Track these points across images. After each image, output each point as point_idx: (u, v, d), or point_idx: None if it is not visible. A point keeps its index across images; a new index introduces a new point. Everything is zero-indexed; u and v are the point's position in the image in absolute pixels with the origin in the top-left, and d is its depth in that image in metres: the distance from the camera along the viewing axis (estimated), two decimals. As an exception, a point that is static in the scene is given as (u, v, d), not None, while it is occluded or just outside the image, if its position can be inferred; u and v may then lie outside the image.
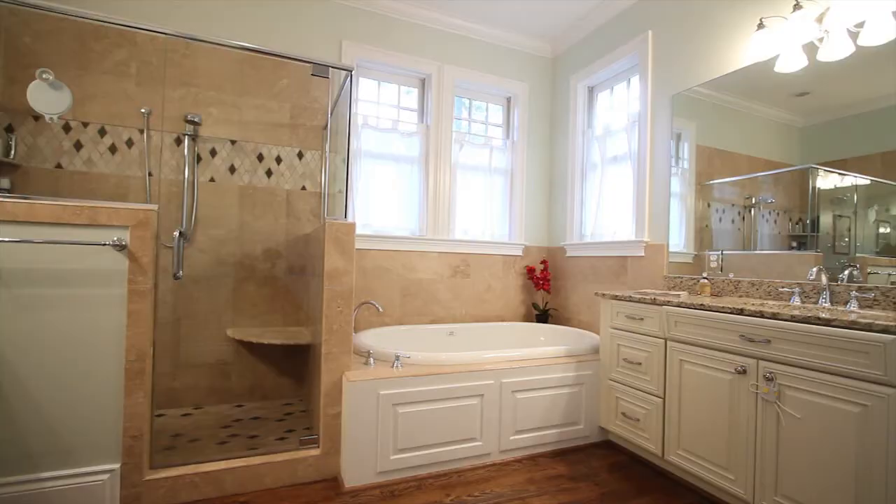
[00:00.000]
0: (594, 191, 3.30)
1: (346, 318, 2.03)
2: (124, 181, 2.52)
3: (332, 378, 2.00)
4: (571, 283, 3.38)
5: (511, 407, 2.21)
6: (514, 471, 2.12)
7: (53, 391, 1.63)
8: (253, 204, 2.79)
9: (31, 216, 1.60)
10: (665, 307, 2.02)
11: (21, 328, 1.59)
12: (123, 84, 2.52)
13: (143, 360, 1.72)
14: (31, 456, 1.60)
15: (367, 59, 3.09)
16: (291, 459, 1.93)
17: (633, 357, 2.20)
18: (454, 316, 3.31)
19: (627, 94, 3.13)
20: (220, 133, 2.72)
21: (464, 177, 3.43)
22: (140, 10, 2.57)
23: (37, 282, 1.61)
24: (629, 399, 2.22)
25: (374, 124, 3.14)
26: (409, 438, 2.00)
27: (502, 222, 3.58)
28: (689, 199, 2.52)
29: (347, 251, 2.03)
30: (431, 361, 2.17)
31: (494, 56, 3.48)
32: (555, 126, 3.66)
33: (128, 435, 1.70)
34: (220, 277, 2.71)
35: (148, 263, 1.74)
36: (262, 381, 2.80)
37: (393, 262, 3.12)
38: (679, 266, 2.55)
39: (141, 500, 1.72)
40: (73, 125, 2.44)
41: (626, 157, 3.01)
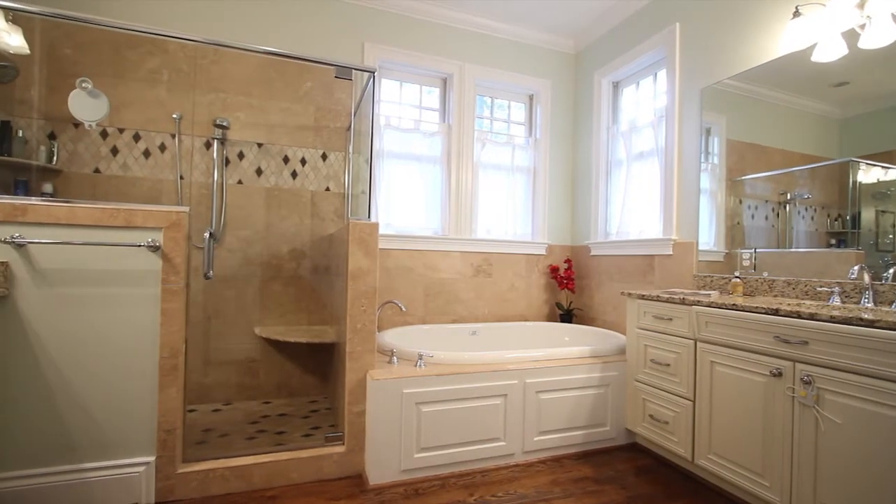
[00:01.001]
0: (619, 188, 3.24)
1: (370, 318, 2.05)
2: (157, 184, 2.61)
3: (357, 376, 2.02)
4: (596, 283, 3.32)
5: (535, 407, 2.19)
6: (538, 472, 2.10)
7: (94, 386, 1.70)
8: (279, 205, 2.85)
9: (72, 219, 1.67)
10: (695, 307, 1.96)
11: (64, 326, 1.67)
12: (156, 91, 2.61)
13: (177, 356, 1.79)
14: (74, 447, 1.68)
15: (388, 61, 3.12)
16: (317, 456, 1.97)
17: (661, 358, 2.14)
18: (476, 315, 3.30)
19: (654, 89, 3.05)
20: (248, 136, 2.79)
21: (486, 176, 3.42)
22: (171, 20, 2.66)
23: (77, 281, 1.68)
24: (657, 401, 2.17)
25: (396, 125, 3.16)
26: (433, 437, 2.00)
27: (525, 221, 3.55)
28: (720, 195, 2.44)
29: (371, 251, 2.05)
30: (454, 361, 2.17)
31: (516, 53, 3.45)
32: (578, 123, 3.60)
33: (162, 429, 1.76)
34: (247, 277, 2.78)
35: (180, 263, 1.80)
36: (289, 379, 2.86)
37: (415, 262, 3.14)
38: (709, 265, 2.47)
39: (174, 493, 1.78)
40: (110, 131, 2.54)
41: (653, 153, 2.94)
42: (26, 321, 1.63)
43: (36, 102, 2.42)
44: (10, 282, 1.61)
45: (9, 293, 1.60)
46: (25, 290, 1.63)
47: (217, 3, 2.75)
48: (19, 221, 1.62)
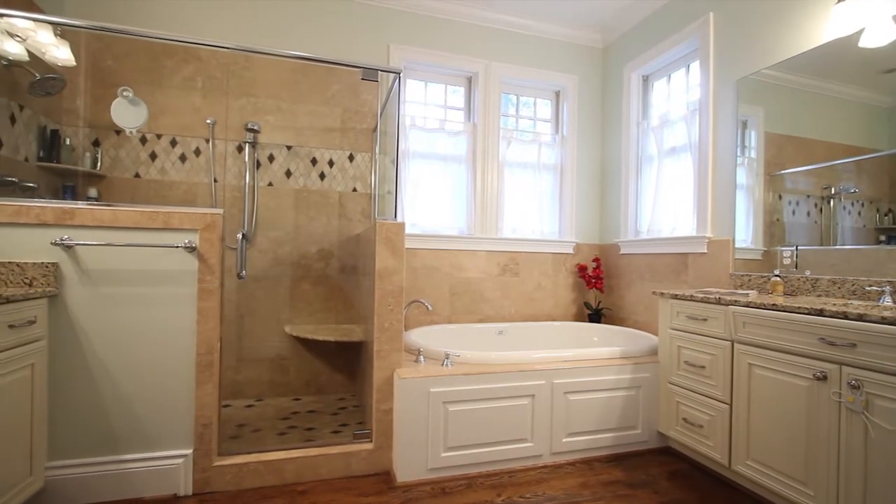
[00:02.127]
0: (650, 185, 3.15)
1: (397, 317, 2.06)
2: (193, 187, 2.71)
3: (384, 375, 2.04)
4: (626, 282, 3.25)
5: (563, 408, 2.15)
6: (566, 474, 2.07)
7: (135, 381, 1.78)
8: (307, 206, 2.91)
9: (115, 221, 1.76)
10: (732, 307, 1.89)
11: (108, 324, 1.75)
12: (191, 97, 2.71)
13: (212, 353, 1.85)
14: (117, 439, 1.76)
15: (413, 61, 3.13)
16: (346, 452, 2.00)
17: (696, 360, 2.07)
18: (503, 315, 3.28)
19: (686, 82, 2.96)
20: (277, 139, 2.86)
21: (512, 174, 3.39)
22: (204, 29, 2.75)
23: (120, 281, 1.77)
24: (691, 404, 2.10)
25: (421, 125, 3.17)
26: (460, 436, 2.00)
27: (552, 220, 3.50)
28: (757, 190, 2.34)
29: (397, 251, 2.06)
30: (481, 360, 2.17)
31: (542, 50, 3.41)
32: (607, 118, 3.53)
33: (199, 423, 1.83)
34: (278, 277, 2.85)
35: (215, 264, 1.86)
36: (318, 376, 2.91)
37: (441, 261, 3.14)
38: (746, 263, 2.37)
39: (210, 485, 1.84)
40: (149, 137, 2.65)
41: (686, 148, 2.84)
42: (74, 319, 1.72)
43: (82, 111, 2.55)
44: (59, 281, 1.70)
45: (58, 292, 1.70)
46: (73, 290, 1.72)
47: (247, 12, 2.82)
48: (67, 224, 1.71)
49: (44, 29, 2.12)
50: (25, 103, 2.23)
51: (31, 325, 1.57)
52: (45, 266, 1.67)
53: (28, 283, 1.66)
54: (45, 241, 1.69)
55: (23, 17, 2.04)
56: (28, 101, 2.24)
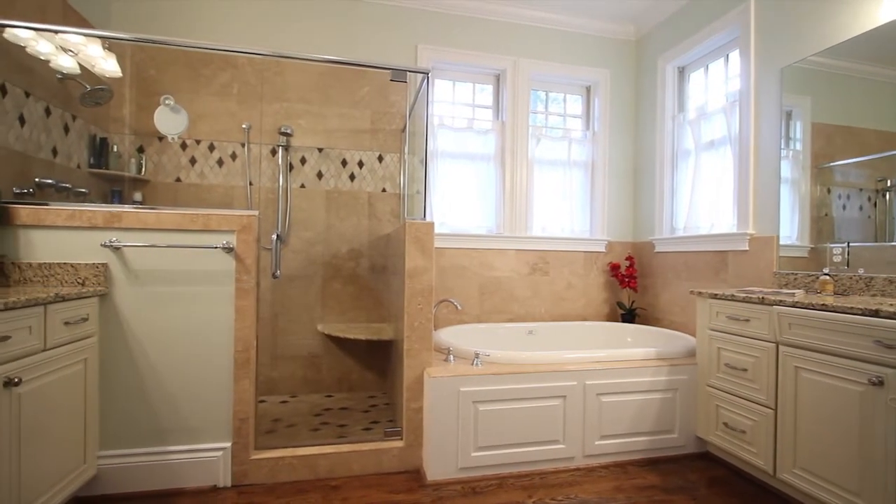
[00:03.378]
0: (687, 180, 3.04)
1: (427, 316, 2.07)
2: (230, 190, 2.81)
3: (414, 373, 2.05)
4: (661, 281, 3.15)
5: (596, 410, 2.11)
6: (600, 477, 2.02)
7: (178, 376, 1.86)
8: (338, 207, 2.96)
9: (158, 224, 1.84)
10: (776, 307, 1.79)
11: (153, 322, 1.84)
12: (227, 103, 2.80)
13: (249, 350, 1.91)
14: (161, 432, 1.85)
15: (441, 61, 3.13)
16: (377, 449, 2.02)
17: (737, 362, 1.99)
18: (533, 314, 3.24)
19: (725, 72, 2.84)
20: (309, 142, 2.92)
21: (541, 172, 3.34)
22: (239, 37, 2.84)
23: (163, 281, 1.85)
24: (732, 408, 2.01)
25: (449, 124, 3.17)
26: (490, 436, 1.99)
27: (583, 217, 3.43)
28: (804, 184, 2.22)
29: (427, 250, 2.07)
30: (511, 360, 2.15)
31: (572, 44, 3.35)
32: (640, 113, 3.43)
33: (237, 418, 1.90)
34: (310, 276, 2.91)
35: (251, 264, 1.92)
36: (349, 374, 2.96)
37: (470, 261, 3.14)
38: (791, 261, 2.26)
39: (248, 477, 1.90)
40: (189, 143, 2.77)
41: (725, 142, 2.73)
42: (122, 317, 1.81)
43: (127, 120, 2.69)
44: (109, 281, 1.80)
45: (108, 291, 1.79)
46: (121, 289, 1.81)
47: (278, 19, 2.90)
48: (115, 227, 1.80)
49: (93, 43, 2.24)
50: (77, 113, 2.36)
51: (84, 322, 1.66)
52: (95, 266, 1.77)
53: (81, 282, 1.76)
54: (96, 242, 1.79)
55: (75, 33, 2.17)
56: (80, 111, 2.38)
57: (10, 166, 1.92)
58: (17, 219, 1.72)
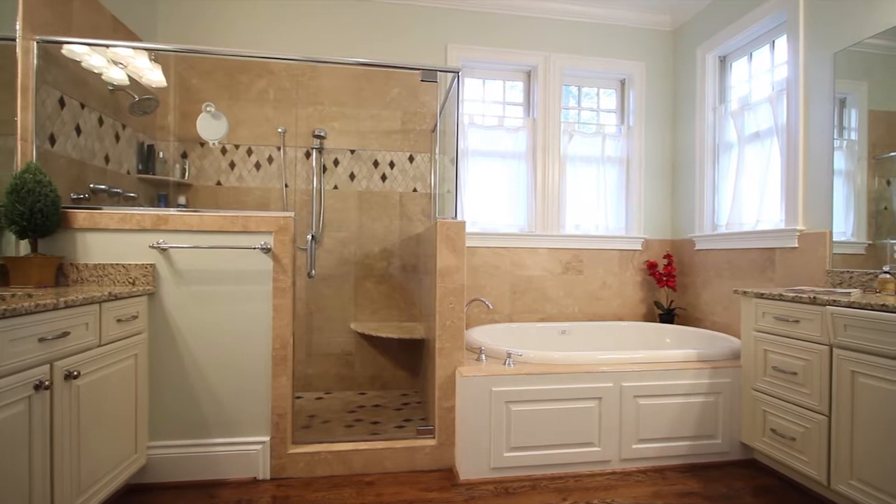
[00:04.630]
0: (729, 174, 2.90)
1: (459, 315, 2.07)
2: (267, 193, 2.90)
3: (446, 372, 2.06)
4: (702, 280, 3.02)
5: (633, 413, 2.05)
6: (637, 482, 1.96)
7: (220, 372, 1.94)
8: (370, 207, 3.00)
9: (201, 226, 1.92)
10: (830, 307, 1.69)
11: (196, 319, 1.92)
12: (264, 109, 2.90)
13: (286, 348, 1.97)
14: (205, 425, 1.93)
15: (471, 59, 3.12)
16: (409, 447, 2.04)
17: (786, 365, 1.88)
18: (566, 314, 3.18)
19: (771, 59, 2.69)
20: (342, 144, 2.98)
21: (574, 169, 3.28)
22: (274, 44, 2.93)
23: (205, 280, 1.93)
24: (781, 414, 1.91)
25: (480, 122, 3.16)
26: (523, 437, 1.97)
27: (618, 215, 3.34)
28: (859, 176, 2.08)
29: (458, 249, 2.07)
30: (544, 360, 2.12)
31: (605, 37, 3.26)
32: (678, 105, 3.30)
33: (275, 413, 1.96)
34: (343, 276, 2.97)
35: (288, 264, 1.98)
36: (382, 372, 3.00)
37: (502, 260, 3.11)
38: (846, 259, 2.12)
39: (286, 471, 1.96)
40: (228, 148, 2.88)
41: (771, 133, 2.59)
42: (168, 315, 1.90)
43: (172, 127, 2.82)
44: (156, 281, 1.89)
45: (155, 291, 1.89)
46: (167, 288, 1.90)
47: (311, 25, 2.97)
48: (162, 229, 1.90)
49: (141, 55, 2.37)
50: (127, 122, 2.50)
51: (134, 319, 1.76)
52: (144, 267, 1.87)
53: (132, 282, 1.86)
54: (145, 244, 1.89)
55: (125, 46, 2.30)
56: (129, 120, 2.52)
57: (68, 174, 2.06)
58: (74, 222, 1.84)
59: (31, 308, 1.25)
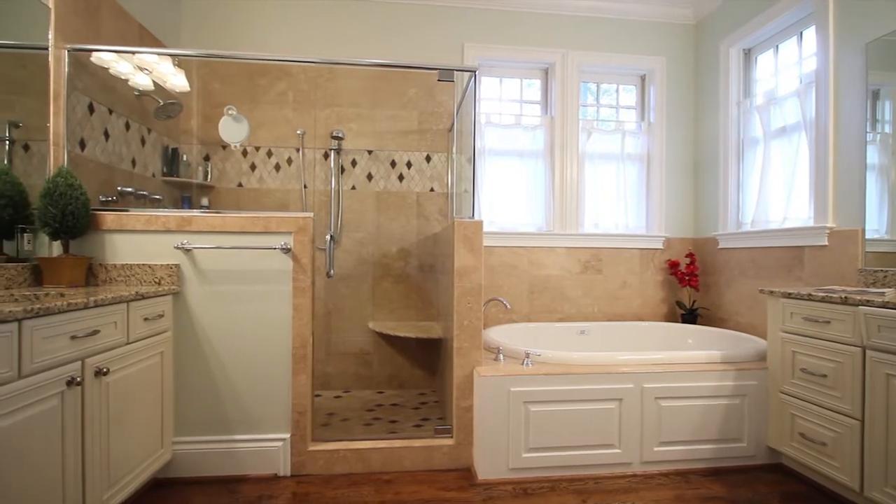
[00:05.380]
0: (755, 170, 2.82)
1: (476, 314, 2.07)
2: (286, 194, 2.94)
3: (464, 372, 2.05)
4: (726, 279, 2.94)
5: (654, 415, 2.01)
6: (659, 485, 1.93)
7: (242, 370, 1.98)
8: (387, 207, 3.02)
9: (223, 227, 1.96)
10: (863, 308, 1.62)
11: (219, 318, 1.96)
12: (283, 111, 2.94)
13: (305, 346, 1.99)
14: (228, 421, 1.97)
15: (488, 58, 3.11)
16: (427, 446, 2.04)
17: (815, 367, 1.82)
18: (585, 314, 3.14)
19: (799, 51, 2.60)
20: (359, 145, 3.01)
21: (593, 167, 3.23)
22: (292, 47, 2.97)
23: (227, 280, 1.97)
24: (810, 417, 1.85)
25: (496, 121, 3.14)
26: (542, 438, 1.95)
27: (638, 213, 3.28)
28: (894, 171, 1.99)
29: (476, 248, 2.06)
30: (563, 360, 2.09)
31: (624, 33, 3.21)
32: (700, 101, 3.23)
33: (295, 411, 1.99)
34: (361, 275, 3.00)
35: (307, 264, 2.00)
36: (399, 371, 3.02)
37: (519, 259, 3.09)
38: (880, 257, 2.03)
39: (305, 468, 1.99)
40: (249, 150, 2.93)
41: (799, 127, 2.50)
42: (193, 314, 1.95)
43: (195, 130, 2.89)
44: (181, 280, 1.94)
45: (180, 290, 1.94)
46: (192, 288, 1.95)
47: (328, 26, 3.00)
48: (186, 230, 1.94)
49: (165, 61, 2.43)
50: (152, 127, 2.57)
51: (160, 318, 1.81)
52: (169, 267, 1.92)
53: (157, 282, 1.91)
54: (170, 245, 1.94)
55: (150, 52, 2.36)
56: (154, 124, 2.59)
57: (97, 177, 2.13)
58: (103, 224, 1.90)
59: (64, 307, 1.29)
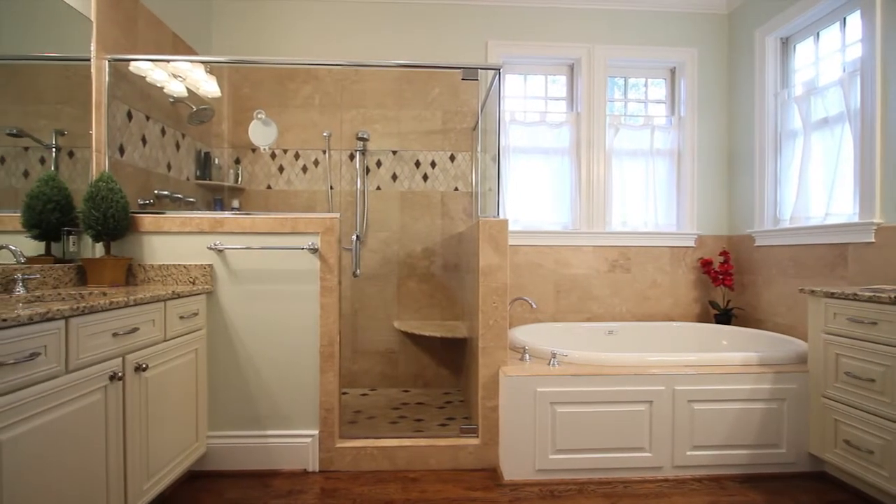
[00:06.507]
0: (793, 164, 2.70)
1: (502, 314, 2.05)
2: (313, 195, 3.00)
3: (489, 372, 2.04)
4: (763, 278, 2.83)
5: (686, 418, 1.95)
6: (691, 490, 1.87)
7: (272, 367, 2.03)
8: (412, 207, 3.04)
9: (253, 228, 2.02)
10: (913, 308, 1.53)
11: (250, 317, 2.02)
12: (310, 114, 3.00)
13: (333, 345, 2.03)
14: (260, 418, 2.02)
15: (512, 55, 3.09)
16: (453, 445, 2.04)
17: (861, 371, 1.72)
18: (613, 314, 3.08)
19: (842, 38, 2.47)
20: (384, 145, 3.03)
21: (620, 163, 3.16)
22: (319, 51, 3.02)
23: (257, 280, 2.02)
24: (856, 424, 1.75)
25: (521, 119, 3.11)
26: (569, 439, 1.93)
27: (668, 210, 3.19)
28: (951, 162, 1.87)
29: (501, 247, 2.05)
30: (591, 361, 2.06)
31: (653, 24, 3.12)
32: (734, 93, 3.11)
33: (323, 408, 2.02)
34: (386, 275, 3.03)
35: (334, 263, 2.03)
36: (425, 371, 3.03)
37: (545, 258, 3.06)
38: (934, 254, 1.91)
39: (333, 464, 2.02)
40: (277, 153, 3.00)
41: (842, 118, 2.38)
42: (225, 313, 2.01)
43: (226, 135, 2.98)
44: (214, 280, 2.01)
45: (213, 290, 2.00)
46: (224, 287, 2.01)
47: (355, 31, 3.03)
48: (218, 231, 2.01)
49: (197, 67, 2.51)
50: (186, 132, 2.67)
51: (195, 316, 1.87)
52: (203, 267, 1.98)
53: (192, 281, 1.98)
54: (203, 246, 2.00)
55: (184, 60, 2.45)
56: (188, 129, 2.68)
57: (136, 181, 2.22)
58: (141, 226, 1.99)
59: (106, 305, 1.35)
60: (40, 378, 1.14)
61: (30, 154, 1.76)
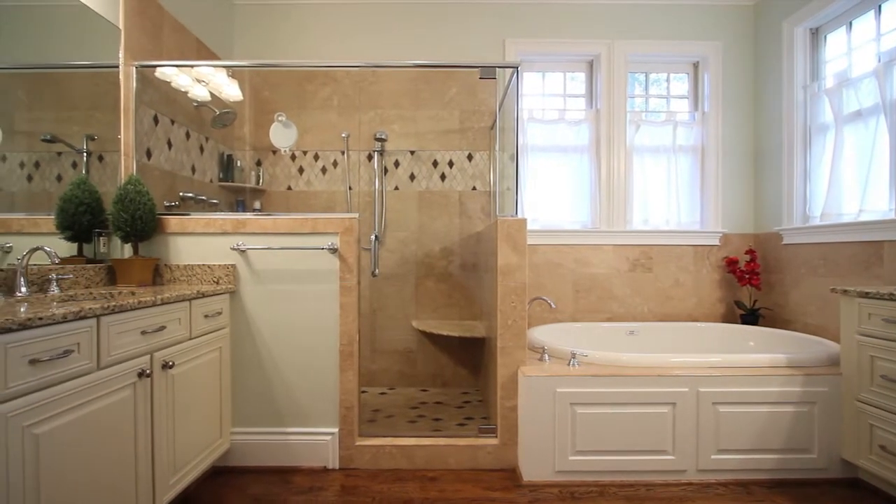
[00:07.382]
0: (825, 159, 2.60)
1: (521, 314, 2.04)
2: (332, 196, 3.03)
3: (508, 372, 2.03)
4: (792, 278, 2.74)
5: (711, 421, 1.90)
6: (717, 495, 1.82)
7: (293, 365, 2.06)
8: (430, 207, 3.04)
9: (275, 228, 2.05)
10: (955, 309, 1.46)
11: (271, 316, 2.06)
12: (329, 115, 3.03)
13: (352, 344, 2.05)
14: (281, 415, 2.06)
15: (530, 53, 3.06)
16: (472, 445, 2.04)
17: (898, 374, 1.65)
18: (634, 314, 3.03)
19: (877, 27, 2.37)
20: (402, 145, 3.05)
21: (641, 161, 3.10)
22: (337, 54, 3.05)
23: (277, 279, 2.06)
24: (892, 429, 1.68)
25: (539, 117, 3.08)
26: (589, 441, 1.90)
27: (692, 208, 3.12)
28: None
29: (519, 247, 2.04)
30: (611, 362, 2.02)
31: (675, 17, 3.05)
32: (760, 87, 3.01)
33: (343, 406, 2.04)
34: (405, 275, 3.04)
35: (353, 263, 2.05)
36: (443, 370, 3.03)
37: (564, 257, 3.02)
38: (978, 252, 1.81)
39: (353, 462, 2.04)
40: (297, 154, 3.05)
41: (878, 110, 2.28)
42: (247, 312, 2.05)
43: (248, 137, 3.04)
44: (236, 280, 2.05)
45: (236, 289, 2.05)
46: (246, 287, 2.05)
47: (372, 32, 3.05)
48: (241, 232, 2.05)
49: (220, 72, 2.57)
50: (209, 135, 2.73)
51: (219, 315, 1.92)
52: (226, 267, 2.03)
53: (216, 281, 2.03)
54: (226, 246, 2.05)
55: (207, 65, 2.50)
56: (211, 133, 2.75)
57: (162, 184, 2.29)
58: (167, 227, 2.04)
59: (135, 304, 1.40)
60: (73, 374, 1.18)
61: (62, 159, 1.83)
